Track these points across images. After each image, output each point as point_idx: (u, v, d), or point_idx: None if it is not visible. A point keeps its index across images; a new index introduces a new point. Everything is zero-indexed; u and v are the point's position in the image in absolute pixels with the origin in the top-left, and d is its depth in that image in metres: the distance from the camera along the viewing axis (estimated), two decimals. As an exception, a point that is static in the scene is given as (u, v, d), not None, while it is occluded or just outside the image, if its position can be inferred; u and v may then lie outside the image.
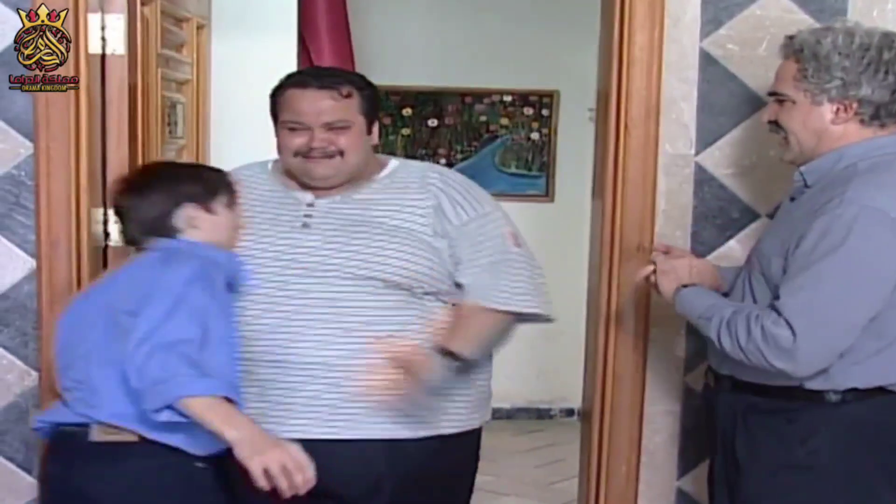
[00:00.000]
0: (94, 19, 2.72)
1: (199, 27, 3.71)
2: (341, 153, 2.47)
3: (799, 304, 2.16)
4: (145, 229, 2.41)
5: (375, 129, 2.57)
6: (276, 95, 2.53)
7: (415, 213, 2.50)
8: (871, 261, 2.16)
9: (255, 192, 2.56)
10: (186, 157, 3.48)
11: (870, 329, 2.19)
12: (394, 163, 2.62)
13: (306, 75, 2.58)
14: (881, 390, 2.26)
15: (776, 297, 2.21)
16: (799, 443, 2.28)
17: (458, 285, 2.53)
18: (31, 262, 2.75)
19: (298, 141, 2.47)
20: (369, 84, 2.56)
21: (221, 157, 3.48)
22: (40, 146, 2.70)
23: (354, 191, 2.53)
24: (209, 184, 2.45)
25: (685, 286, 2.42)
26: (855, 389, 2.25)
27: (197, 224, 2.41)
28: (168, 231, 2.40)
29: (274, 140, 2.56)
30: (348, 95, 2.48)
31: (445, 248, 2.50)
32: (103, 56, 2.76)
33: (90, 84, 2.72)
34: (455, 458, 2.61)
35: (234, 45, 3.93)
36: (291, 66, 4.02)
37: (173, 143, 3.35)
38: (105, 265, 2.81)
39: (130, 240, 2.48)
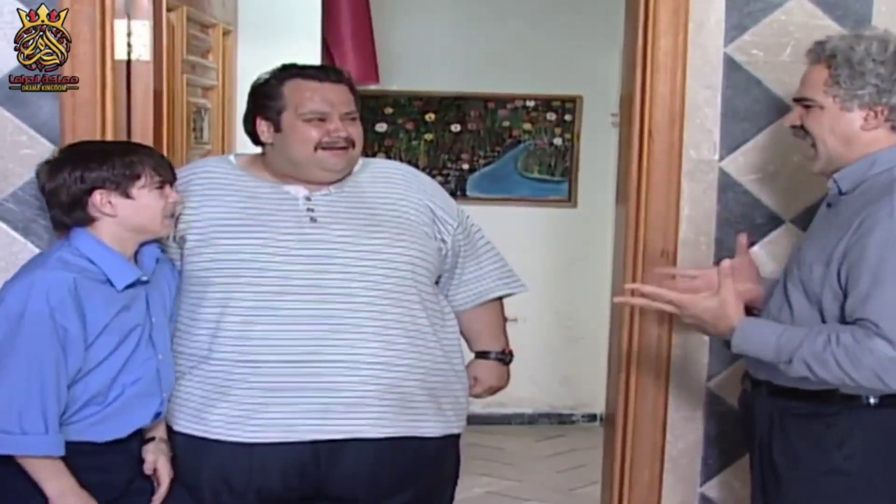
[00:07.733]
0: (120, 25, 2.73)
1: (225, 33, 3.71)
2: (353, 143, 2.51)
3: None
4: (62, 215, 2.36)
5: None
6: (277, 87, 2.51)
7: (413, 208, 2.55)
8: None
9: (233, 188, 2.51)
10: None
11: None
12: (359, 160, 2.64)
13: (314, 69, 2.60)
14: None
15: (870, 319, 2.11)
16: (836, 447, 2.25)
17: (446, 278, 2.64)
18: (57, 267, 2.76)
19: (319, 132, 2.47)
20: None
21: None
22: (67, 151, 2.71)
23: (343, 184, 2.54)
24: (124, 166, 2.33)
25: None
26: (892, 395, 2.22)
27: (111, 211, 2.33)
28: (83, 218, 2.34)
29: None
30: (353, 90, 2.56)
31: (438, 245, 2.56)
32: (129, 62, 2.77)
33: (116, 90, 2.73)
34: (456, 457, 2.66)
35: (259, 51, 3.91)
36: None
37: (199, 149, 3.37)
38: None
39: (56, 224, 2.44)
